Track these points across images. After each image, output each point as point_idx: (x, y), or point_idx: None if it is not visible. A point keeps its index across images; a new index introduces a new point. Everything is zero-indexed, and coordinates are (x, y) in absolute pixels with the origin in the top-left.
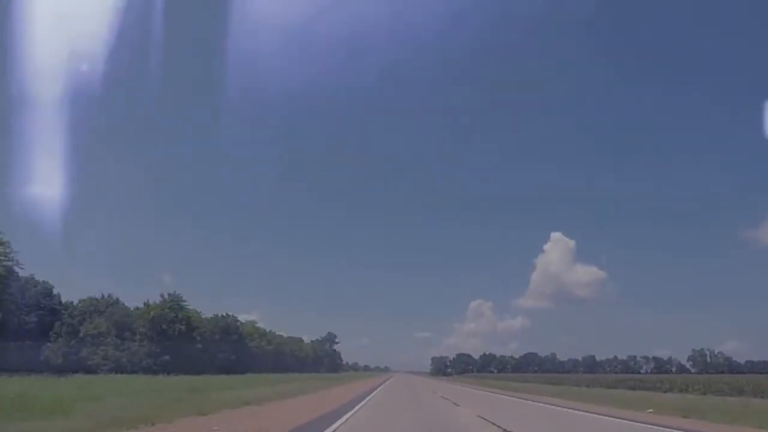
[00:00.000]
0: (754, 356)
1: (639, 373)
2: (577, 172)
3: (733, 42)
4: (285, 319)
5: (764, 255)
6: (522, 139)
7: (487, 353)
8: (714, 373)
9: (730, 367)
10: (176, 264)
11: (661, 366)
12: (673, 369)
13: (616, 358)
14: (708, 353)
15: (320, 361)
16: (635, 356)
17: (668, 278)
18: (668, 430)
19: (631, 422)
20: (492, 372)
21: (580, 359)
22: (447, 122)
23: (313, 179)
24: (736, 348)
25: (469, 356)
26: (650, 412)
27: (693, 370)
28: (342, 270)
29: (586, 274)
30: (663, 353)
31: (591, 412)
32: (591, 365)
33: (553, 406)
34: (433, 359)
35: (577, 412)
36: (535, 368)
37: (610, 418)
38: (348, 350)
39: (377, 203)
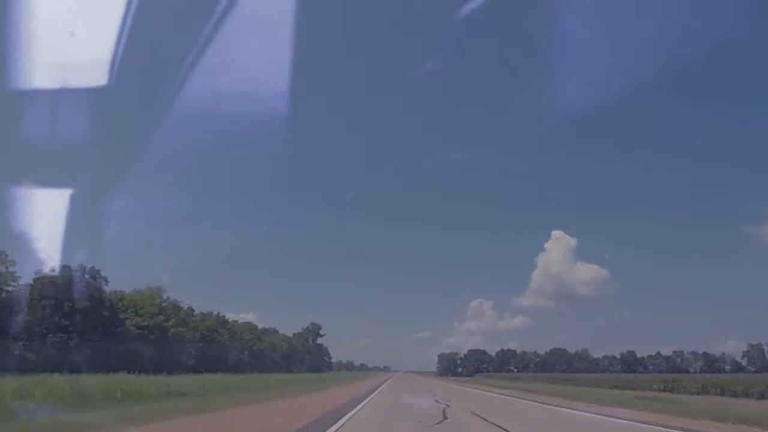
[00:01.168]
0: None
1: (688, 372)
2: (578, 171)
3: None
4: (284, 320)
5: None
6: (523, 137)
7: (505, 349)
8: None
9: None
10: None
11: (712, 363)
12: (727, 367)
13: (659, 354)
14: (767, 348)
15: (298, 357)
16: (682, 352)
17: (670, 276)
18: None
19: None
20: (511, 371)
21: (618, 356)
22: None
23: (313, 179)
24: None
25: (483, 353)
26: None
27: (751, 368)
28: (341, 271)
29: (588, 272)
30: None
31: None
32: (631, 363)
33: None
34: (441, 356)
35: None
36: (564, 366)
37: None
38: (347, 349)
39: (377, 202)
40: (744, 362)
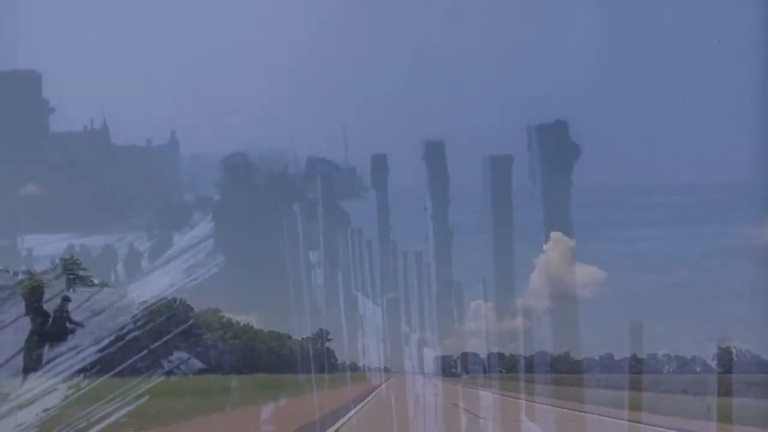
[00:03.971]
0: None
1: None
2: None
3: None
4: (283, 319)
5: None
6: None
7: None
8: None
9: None
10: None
11: (683, 365)
12: (698, 368)
13: (634, 356)
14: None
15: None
16: (656, 354)
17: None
18: None
19: None
20: (500, 371)
21: (596, 358)
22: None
23: (311, 177)
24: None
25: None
26: None
27: (718, 370)
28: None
29: (586, 273)
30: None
31: None
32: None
33: None
34: (435, 359)
35: None
36: (547, 368)
37: None
38: (347, 350)
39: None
40: (714, 364)
